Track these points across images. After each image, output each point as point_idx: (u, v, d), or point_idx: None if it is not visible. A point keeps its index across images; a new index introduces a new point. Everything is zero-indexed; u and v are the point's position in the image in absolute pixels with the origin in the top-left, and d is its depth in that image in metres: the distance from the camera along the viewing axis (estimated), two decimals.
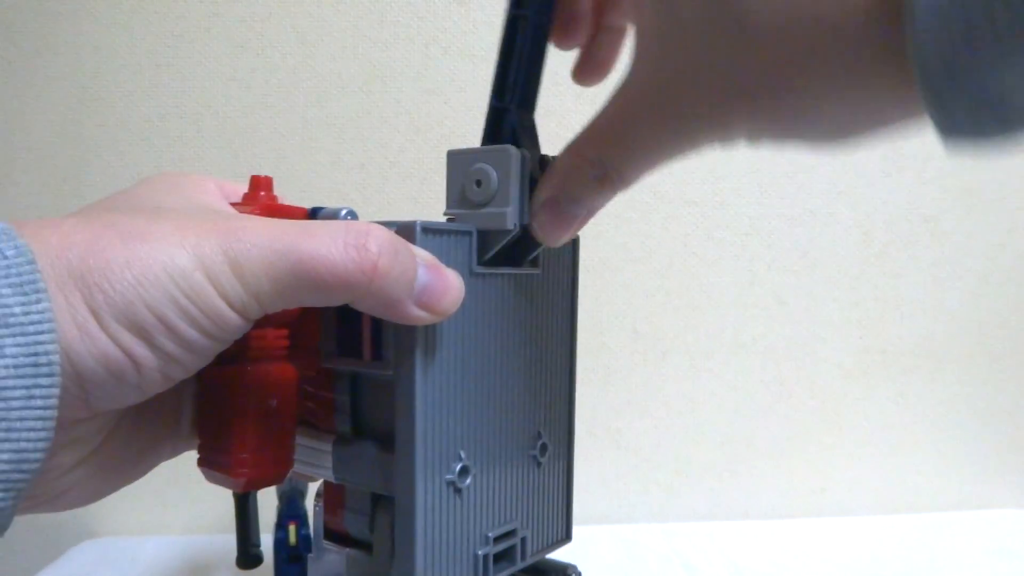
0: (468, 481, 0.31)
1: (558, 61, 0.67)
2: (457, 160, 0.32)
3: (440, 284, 0.27)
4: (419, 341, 0.28)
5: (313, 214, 0.31)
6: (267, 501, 0.38)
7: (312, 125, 0.67)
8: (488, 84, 0.32)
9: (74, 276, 0.22)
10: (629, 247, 0.69)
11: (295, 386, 0.31)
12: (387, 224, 0.29)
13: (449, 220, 0.32)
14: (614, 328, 0.70)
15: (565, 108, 0.67)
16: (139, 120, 0.67)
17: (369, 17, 0.66)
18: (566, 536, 0.38)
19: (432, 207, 0.33)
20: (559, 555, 0.37)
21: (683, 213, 0.69)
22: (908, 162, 0.70)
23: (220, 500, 0.45)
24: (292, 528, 0.48)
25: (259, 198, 0.31)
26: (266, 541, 0.36)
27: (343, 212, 0.30)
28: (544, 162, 0.33)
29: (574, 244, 0.37)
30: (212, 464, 0.30)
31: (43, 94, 0.67)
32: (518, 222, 0.31)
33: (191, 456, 0.32)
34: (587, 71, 0.35)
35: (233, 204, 0.31)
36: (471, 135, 0.65)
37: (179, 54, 0.66)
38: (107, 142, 0.67)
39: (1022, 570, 0.60)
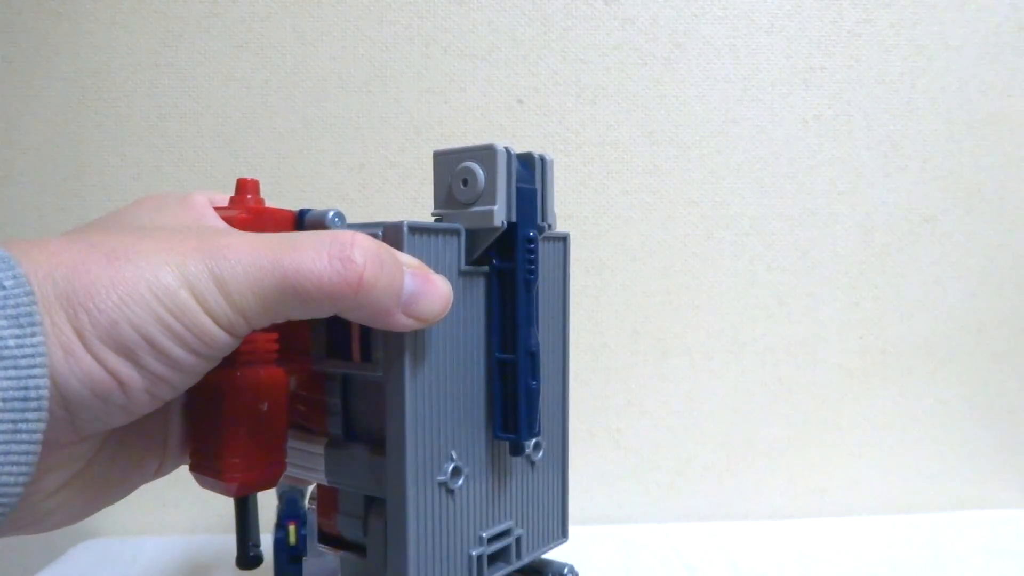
0: (460, 482, 0.31)
1: (557, 59, 0.67)
2: (443, 160, 0.32)
3: (427, 291, 0.27)
4: (408, 341, 0.28)
5: (300, 216, 0.31)
6: (267, 501, 0.38)
7: (312, 125, 0.67)
8: (488, 84, 0.32)
9: (60, 297, 0.22)
10: (629, 247, 0.69)
11: (286, 389, 0.30)
12: (375, 225, 0.29)
13: (437, 220, 0.32)
14: (614, 328, 0.70)
15: (565, 108, 0.67)
16: (139, 120, 0.67)
17: (369, 17, 0.66)
18: (562, 535, 0.38)
19: (431, 207, 0.33)
20: (558, 555, 0.37)
21: (683, 213, 0.69)
22: (908, 162, 0.70)
23: (220, 500, 0.45)
24: (292, 528, 0.48)
25: (245, 201, 0.31)
26: (266, 541, 0.36)
27: (331, 215, 0.30)
28: (531, 159, 0.33)
29: (565, 241, 0.37)
30: (204, 469, 0.29)
31: (43, 94, 0.67)
32: (506, 219, 0.31)
33: None
34: None
35: (219, 208, 0.31)
36: (471, 135, 0.66)
37: (179, 54, 0.67)
38: (107, 142, 0.67)
39: (1022, 570, 0.60)
